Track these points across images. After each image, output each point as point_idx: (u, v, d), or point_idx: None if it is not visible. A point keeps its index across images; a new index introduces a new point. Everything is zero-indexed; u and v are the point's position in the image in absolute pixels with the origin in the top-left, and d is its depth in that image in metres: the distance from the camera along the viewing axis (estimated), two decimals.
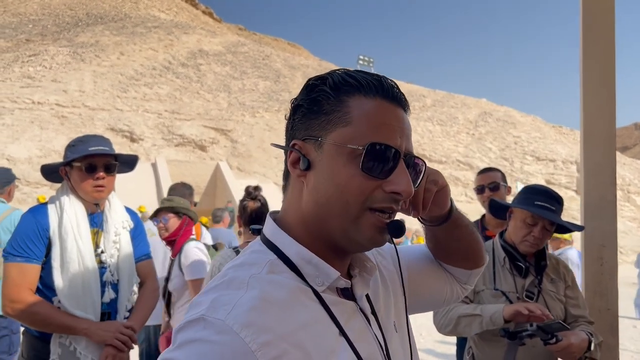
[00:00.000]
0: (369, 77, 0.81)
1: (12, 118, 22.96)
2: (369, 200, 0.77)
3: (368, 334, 0.81)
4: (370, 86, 0.80)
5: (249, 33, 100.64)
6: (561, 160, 27.27)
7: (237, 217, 2.75)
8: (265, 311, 0.70)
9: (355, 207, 0.77)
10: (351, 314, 0.80)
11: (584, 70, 2.59)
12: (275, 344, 0.68)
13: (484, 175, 3.35)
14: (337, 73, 0.82)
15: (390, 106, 0.80)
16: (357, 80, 0.80)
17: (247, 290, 0.72)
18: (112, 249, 2.26)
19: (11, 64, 29.29)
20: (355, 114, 0.78)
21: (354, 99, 0.79)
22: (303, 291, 0.76)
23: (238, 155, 24.68)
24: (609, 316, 2.49)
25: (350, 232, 0.78)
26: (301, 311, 0.74)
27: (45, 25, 45.67)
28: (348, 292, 0.83)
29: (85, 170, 2.15)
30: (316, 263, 0.78)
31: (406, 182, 0.77)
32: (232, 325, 0.67)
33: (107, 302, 2.21)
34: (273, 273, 0.77)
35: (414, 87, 38.35)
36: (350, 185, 0.76)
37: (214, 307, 0.70)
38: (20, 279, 2.05)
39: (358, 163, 0.76)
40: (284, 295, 0.74)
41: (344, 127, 0.77)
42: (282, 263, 0.79)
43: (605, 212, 2.50)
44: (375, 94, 0.80)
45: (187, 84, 30.84)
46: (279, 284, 0.75)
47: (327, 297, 0.78)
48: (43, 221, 2.13)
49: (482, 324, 2.09)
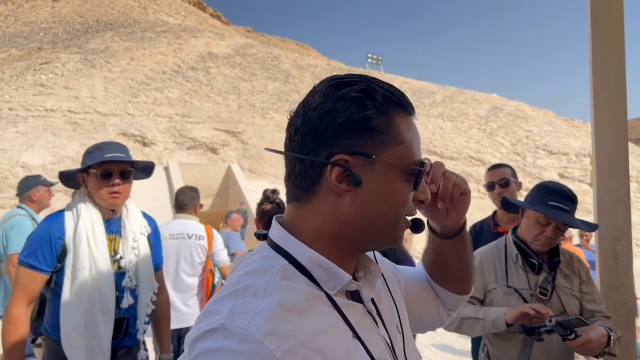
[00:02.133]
0: (400, 93, 0.84)
1: (26, 126, 23.23)
2: (407, 210, 0.84)
3: (377, 335, 0.83)
4: (405, 104, 0.84)
5: (257, 35, 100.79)
6: (574, 154, 26.97)
7: (255, 219, 2.80)
8: (285, 318, 0.70)
9: (401, 217, 0.84)
10: (360, 316, 0.82)
11: (593, 63, 2.57)
12: (298, 351, 0.68)
13: (493, 172, 3.34)
14: (378, 87, 0.81)
15: (413, 121, 0.86)
16: (397, 97, 0.82)
17: (264, 297, 0.72)
18: (131, 255, 2.29)
19: (24, 72, 29.65)
20: (404, 132, 0.82)
21: (398, 117, 0.82)
22: (317, 296, 0.77)
23: (249, 156, 24.75)
24: (625, 310, 2.47)
25: (389, 237, 0.84)
26: (317, 317, 0.74)
27: (56, 33, 46.16)
28: (356, 295, 0.84)
29: (101, 177, 2.18)
30: (328, 267, 0.79)
31: (427, 190, 0.87)
32: (255, 333, 0.66)
33: (125, 308, 2.24)
34: (287, 279, 0.77)
35: (424, 84, 38.17)
36: (401, 199, 0.82)
37: (232, 315, 0.69)
38: (26, 285, 2.11)
39: (408, 179, 0.82)
40: (299, 301, 0.74)
41: (397, 146, 0.81)
42: (294, 268, 0.80)
43: (619, 206, 2.48)
44: (408, 112, 0.84)
45: (197, 87, 30.99)
46: (294, 290, 0.75)
47: (338, 300, 0.79)
48: (58, 229, 2.16)
49: (484, 327, 2.09)
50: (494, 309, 2.11)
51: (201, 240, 4.00)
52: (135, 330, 2.29)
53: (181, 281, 3.96)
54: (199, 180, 19.24)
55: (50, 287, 2.18)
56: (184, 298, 3.95)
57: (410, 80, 39.38)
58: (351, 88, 0.80)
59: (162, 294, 2.53)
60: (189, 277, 3.98)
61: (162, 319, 2.53)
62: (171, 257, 3.92)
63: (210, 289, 4.01)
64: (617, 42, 2.54)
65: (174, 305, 3.86)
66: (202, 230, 4.06)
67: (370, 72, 42.11)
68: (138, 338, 2.31)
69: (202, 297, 4.01)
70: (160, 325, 2.53)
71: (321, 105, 0.79)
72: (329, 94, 0.80)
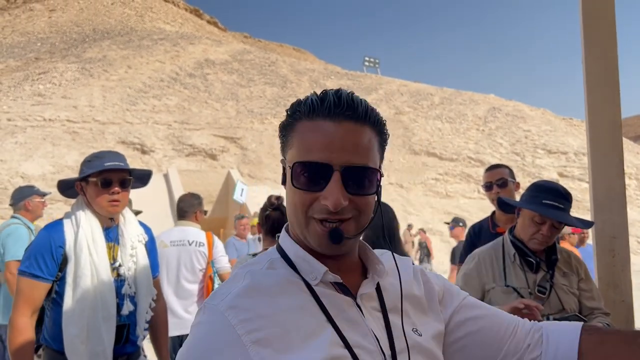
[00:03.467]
0: (315, 100, 0.88)
1: (25, 136, 23.25)
2: (310, 211, 0.87)
3: (361, 326, 0.88)
4: (312, 109, 0.88)
5: (254, 40, 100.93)
6: (573, 153, 26.98)
7: (258, 224, 2.86)
8: (250, 296, 0.85)
9: (302, 216, 0.88)
10: (345, 307, 0.89)
11: (586, 62, 2.60)
12: (254, 320, 0.81)
13: (491, 172, 3.36)
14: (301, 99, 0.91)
15: (326, 123, 0.87)
16: (305, 105, 0.89)
17: (243, 281, 0.88)
18: (129, 262, 2.31)
19: (22, 83, 29.68)
20: (295, 137, 0.89)
21: (299, 124, 0.89)
22: (294, 283, 0.89)
23: (248, 162, 24.76)
24: (624, 308, 2.49)
25: (306, 238, 0.90)
26: (289, 298, 0.86)
27: (54, 43, 46.24)
28: (346, 289, 0.91)
29: (101, 185, 2.19)
30: (309, 260, 0.90)
31: (334, 195, 0.84)
32: (220, 308, 0.83)
33: (126, 315, 2.25)
34: (271, 268, 0.92)
35: (422, 86, 38.18)
36: (294, 198, 0.89)
37: (213, 296, 0.88)
38: (29, 294, 2.11)
39: (302, 180, 0.87)
40: (272, 284, 0.88)
41: (290, 149, 0.90)
42: (283, 261, 0.93)
43: (615, 204, 2.50)
44: (315, 116, 0.88)
45: (195, 94, 31.02)
46: (270, 275, 0.90)
47: (320, 290, 0.89)
48: (58, 237, 2.17)
49: None
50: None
51: (201, 247, 4.02)
52: (136, 336, 2.31)
53: (182, 288, 3.97)
54: (199, 186, 19.24)
55: (51, 296, 2.19)
56: (185, 305, 3.96)
57: (408, 83, 39.41)
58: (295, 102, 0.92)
59: (159, 300, 2.55)
60: (189, 284, 3.99)
61: (160, 325, 2.55)
62: (172, 264, 3.93)
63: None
64: (609, 41, 2.56)
65: (175, 311, 3.87)
66: (202, 237, 4.08)
67: (368, 75, 42.15)
68: (138, 344, 2.33)
69: None
70: (159, 331, 2.55)
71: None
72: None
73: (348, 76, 39.53)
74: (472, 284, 2.30)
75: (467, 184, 24.87)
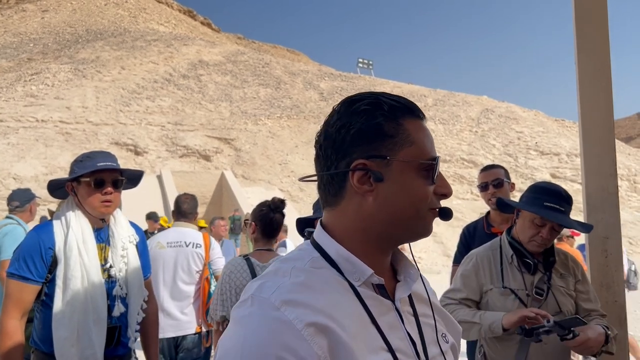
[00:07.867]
0: (407, 102, 0.96)
1: (17, 137, 23.08)
2: (430, 203, 0.93)
3: (400, 331, 0.91)
4: (413, 109, 0.95)
5: (248, 42, 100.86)
6: (565, 154, 27.10)
7: (252, 223, 2.87)
8: (302, 292, 0.84)
9: (424, 210, 0.92)
10: (385, 310, 0.91)
11: (579, 63, 2.61)
12: (309, 314, 0.81)
13: (486, 173, 3.36)
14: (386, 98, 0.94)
15: (423, 124, 0.96)
16: (404, 105, 0.94)
17: (290, 277, 0.87)
18: (120, 263, 2.29)
19: (14, 84, 29.47)
20: (414, 134, 0.93)
21: (408, 122, 0.93)
22: (340, 282, 0.89)
23: (242, 163, 24.70)
24: (617, 308, 2.49)
25: (418, 229, 0.93)
26: (337, 296, 0.86)
27: (46, 44, 45.97)
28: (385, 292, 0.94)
29: (94, 186, 2.17)
30: (353, 261, 0.91)
31: (447, 185, 0.95)
32: (274, 302, 0.81)
33: (117, 316, 2.23)
34: (314, 268, 0.91)
35: (415, 88, 38.25)
36: (420, 193, 0.92)
37: (260, 289, 0.86)
38: (18, 297, 2.09)
39: (425, 174, 0.92)
40: (321, 282, 0.88)
41: (409, 146, 0.92)
42: (324, 260, 0.93)
43: (607, 204, 2.50)
44: (417, 116, 0.96)
45: (188, 95, 30.92)
46: (318, 274, 0.89)
47: (363, 291, 0.90)
48: (47, 239, 2.14)
49: (480, 331, 2.09)
50: (490, 314, 2.11)
51: (198, 248, 4.00)
52: (127, 338, 2.29)
53: (178, 289, 3.94)
54: (193, 188, 19.19)
55: (40, 298, 2.16)
56: (181, 306, 3.93)
57: (401, 84, 39.48)
58: (361, 103, 0.93)
59: (150, 302, 2.52)
60: (186, 285, 3.97)
61: (150, 326, 2.51)
62: (169, 265, 3.91)
63: (207, 297, 3.99)
64: (601, 42, 2.57)
65: (170, 313, 3.84)
66: (199, 238, 4.06)
67: (361, 77, 42.18)
68: (129, 346, 2.31)
69: (198, 306, 3.99)
70: (149, 333, 2.51)
71: (337, 122, 0.93)
72: (343, 111, 0.94)
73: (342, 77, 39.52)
74: (471, 285, 2.29)
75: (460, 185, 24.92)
